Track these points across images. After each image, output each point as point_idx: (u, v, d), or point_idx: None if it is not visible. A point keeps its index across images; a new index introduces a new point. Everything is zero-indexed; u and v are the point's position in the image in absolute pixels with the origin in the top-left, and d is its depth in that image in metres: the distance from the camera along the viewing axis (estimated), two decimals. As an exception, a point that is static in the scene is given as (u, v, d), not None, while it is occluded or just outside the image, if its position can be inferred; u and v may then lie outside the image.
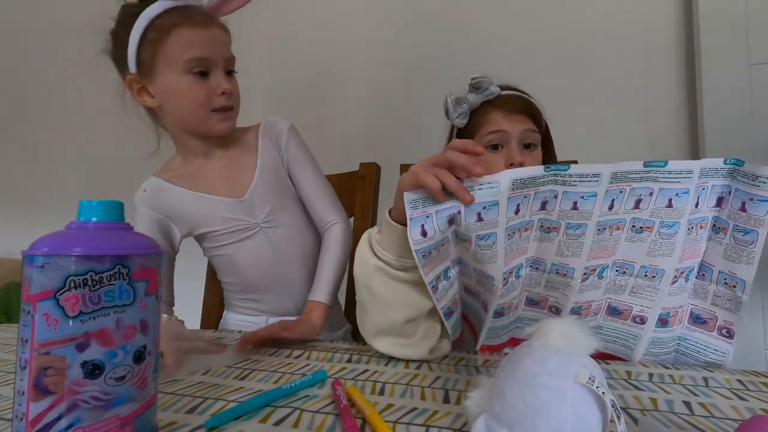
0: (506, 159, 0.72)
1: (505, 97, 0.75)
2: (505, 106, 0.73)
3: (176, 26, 0.72)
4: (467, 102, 0.76)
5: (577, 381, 0.29)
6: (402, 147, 1.48)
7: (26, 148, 1.97)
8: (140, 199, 0.82)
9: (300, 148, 0.88)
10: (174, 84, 0.74)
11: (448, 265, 0.57)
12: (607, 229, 0.52)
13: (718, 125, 1.29)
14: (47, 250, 0.29)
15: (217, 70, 0.76)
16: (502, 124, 0.73)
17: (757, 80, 1.28)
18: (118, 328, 0.31)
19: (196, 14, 0.74)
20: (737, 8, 1.30)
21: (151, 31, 0.72)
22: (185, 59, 0.72)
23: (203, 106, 0.75)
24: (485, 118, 0.74)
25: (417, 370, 0.55)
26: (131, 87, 0.77)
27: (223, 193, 0.82)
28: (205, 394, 0.46)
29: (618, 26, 1.45)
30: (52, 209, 1.82)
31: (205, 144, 0.82)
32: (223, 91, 0.75)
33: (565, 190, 0.50)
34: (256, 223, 0.83)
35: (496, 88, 0.74)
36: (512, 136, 0.72)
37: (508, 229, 0.51)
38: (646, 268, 0.56)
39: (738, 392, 0.48)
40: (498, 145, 0.73)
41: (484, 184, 0.48)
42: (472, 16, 1.56)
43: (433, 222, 0.50)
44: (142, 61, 0.74)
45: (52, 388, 0.29)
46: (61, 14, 1.94)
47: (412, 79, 1.59)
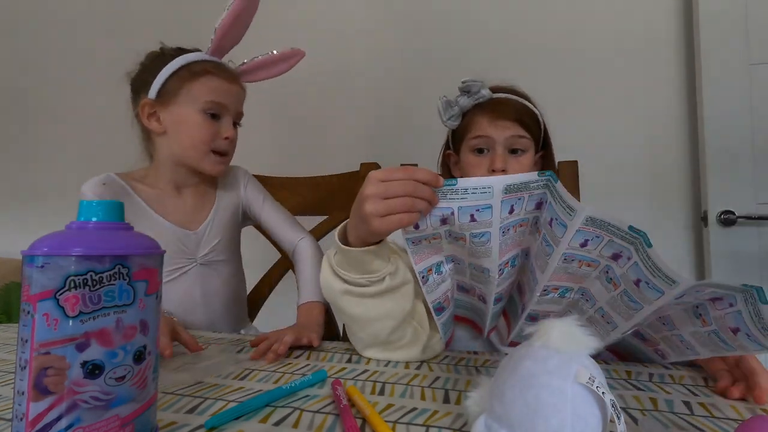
0: (489, 164, 0.73)
1: (495, 101, 0.74)
2: (493, 111, 0.73)
3: (208, 73, 0.82)
4: (457, 105, 0.76)
5: (577, 381, 0.29)
6: (402, 147, 1.48)
7: (26, 148, 1.97)
8: (94, 190, 0.81)
9: (257, 187, 0.96)
10: (186, 117, 0.81)
11: (441, 260, 0.57)
12: (575, 260, 0.51)
13: (718, 125, 1.30)
14: (47, 250, 0.29)
15: (227, 117, 0.84)
16: (488, 129, 0.73)
17: (757, 80, 1.28)
18: (118, 328, 0.31)
19: (227, 70, 0.85)
20: (737, 8, 1.30)
21: (185, 69, 0.81)
22: (206, 99, 0.81)
23: (206, 143, 0.82)
24: (473, 122, 0.75)
25: (417, 370, 0.55)
26: (143, 109, 0.83)
27: (178, 223, 0.85)
28: (205, 394, 0.46)
29: (618, 27, 1.45)
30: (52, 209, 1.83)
31: (187, 178, 0.87)
32: (227, 136, 0.83)
33: (551, 201, 0.49)
34: (195, 259, 0.86)
35: (486, 92, 0.74)
36: (497, 141, 0.73)
37: (503, 227, 0.51)
38: (605, 313, 0.54)
39: (738, 392, 0.48)
40: (484, 149, 0.74)
41: (477, 188, 0.48)
42: (475, 18, 1.56)
43: (427, 220, 0.50)
44: (165, 91, 0.81)
45: (52, 388, 0.29)
46: (61, 14, 1.95)
47: (412, 80, 1.59)
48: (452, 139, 0.82)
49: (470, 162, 0.76)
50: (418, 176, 0.47)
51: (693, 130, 1.38)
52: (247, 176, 0.96)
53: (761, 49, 1.28)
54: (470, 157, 0.76)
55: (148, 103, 0.82)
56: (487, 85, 0.75)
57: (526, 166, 0.75)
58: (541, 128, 0.77)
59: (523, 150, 0.74)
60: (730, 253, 1.27)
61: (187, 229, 0.85)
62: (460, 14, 1.56)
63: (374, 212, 0.47)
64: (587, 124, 1.43)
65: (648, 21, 1.43)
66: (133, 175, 0.87)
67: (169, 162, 0.85)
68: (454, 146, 0.81)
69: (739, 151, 1.28)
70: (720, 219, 1.27)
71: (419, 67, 1.59)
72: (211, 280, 0.87)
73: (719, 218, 1.28)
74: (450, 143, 0.83)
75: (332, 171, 1.12)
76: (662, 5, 1.43)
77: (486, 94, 0.74)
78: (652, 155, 1.41)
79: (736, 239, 1.26)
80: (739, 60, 1.29)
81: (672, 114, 1.41)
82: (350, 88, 1.64)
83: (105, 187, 0.81)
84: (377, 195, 0.48)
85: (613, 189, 1.40)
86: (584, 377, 0.29)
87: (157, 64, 0.82)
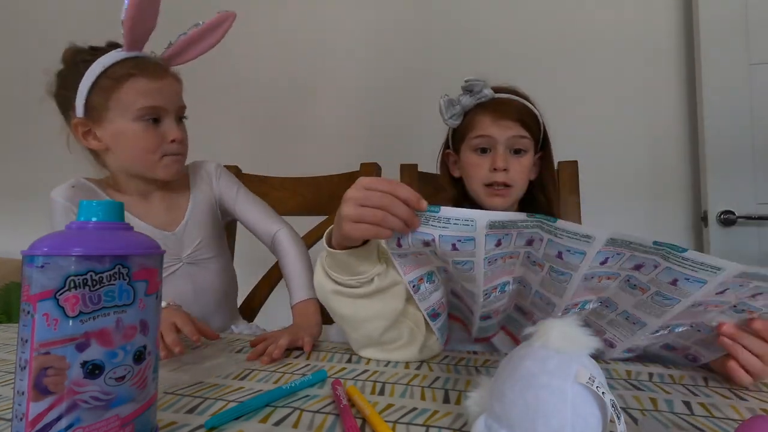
0: (490, 163, 0.73)
1: (498, 101, 0.74)
2: (495, 110, 0.73)
3: (131, 76, 0.73)
4: (459, 104, 0.76)
5: (578, 381, 0.29)
6: (402, 147, 1.48)
7: (26, 148, 1.97)
8: (64, 194, 0.79)
9: (230, 180, 0.93)
10: (124, 129, 0.75)
11: (433, 270, 0.56)
12: (595, 277, 0.49)
13: (718, 125, 1.30)
14: (47, 250, 0.29)
15: (168, 118, 0.78)
16: (490, 129, 0.73)
17: (757, 80, 1.28)
18: (118, 328, 0.31)
19: (150, 65, 0.76)
20: (737, 8, 1.30)
21: (104, 78, 0.74)
22: (138, 107, 0.74)
23: (153, 151, 0.77)
24: (475, 121, 0.75)
25: (417, 370, 0.55)
26: (77, 129, 0.78)
27: (155, 225, 0.82)
28: (205, 394, 0.46)
29: (618, 27, 1.45)
30: (52, 209, 1.83)
31: (146, 186, 0.83)
32: (173, 138, 0.78)
33: (550, 238, 0.46)
34: (180, 259, 0.84)
35: (488, 91, 0.74)
36: (499, 141, 0.73)
37: (489, 258, 0.49)
38: (629, 315, 0.53)
39: (738, 392, 0.48)
40: (486, 148, 0.74)
41: (459, 220, 0.46)
42: (475, 18, 1.56)
43: (408, 239, 0.49)
44: (92, 106, 0.75)
45: (52, 388, 0.29)
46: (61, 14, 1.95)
47: (412, 80, 1.59)
48: (452, 138, 0.82)
49: (471, 161, 0.76)
50: (398, 193, 0.47)
51: (693, 130, 1.38)
52: (219, 170, 0.93)
53: (761, 49, 1.28)
54: (471, 157, 0.76)
55: (80, 122, 0.76)
56: (489, 85, 0.75)
57: (526, 166, 0.75)
58: (540, 129, 0.77)
59: (524, 150, 0.75)
60: (730, 253, 1.27)
61: (165, 230, 0.83)
62: (460, 15, 1.56)
63: (348, 215, 0.48)
64: (587, 124, 1.43)
65: (648, 21, 1.43)
66: (104, 181, 0.85)
67: (123, 175, 0.82)
68: (454, 145, 0.81)
69: (739, 151, 1.28)
70: (720, 219, 1.27)
71: (419, 67, 1.59)
72: (200, 278, 0.86)
73: (719, 218, 1.28)
74: (450, 142, 0.83)
75: (332, 171, 1.12)
76: (662, 5, 1.43)
77: (488, 93, 0.74)
78: (652, 155, 1.41)
79: (736, 239, 1.26)
80: (739, 60, 1.29)
81: (672, 114, 1.41)
82: (350, 88, 1.64)
83: (74, 189, 0.80)
84: (355, 200, 0.48)
85: (613, 189, 1.40)
86: (584, 377, 0.29)
87: (74, 77, 0.75)
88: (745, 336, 0.48)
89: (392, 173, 1.06)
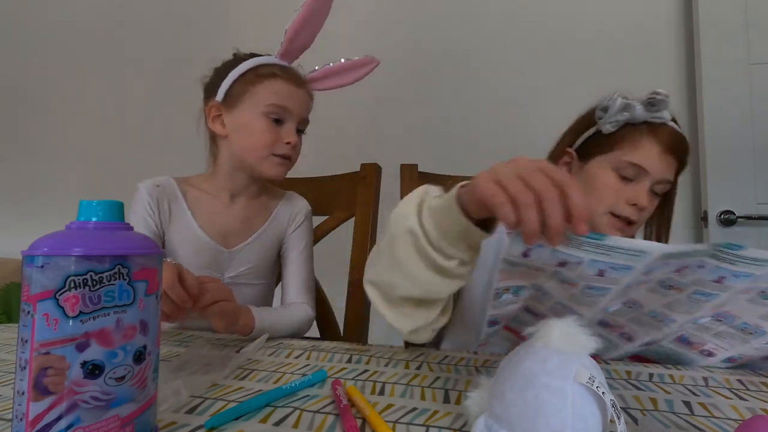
0: (631, 196, 0.65)
1: (672, 131, 0.66)
2: (668, 143, 0.65)
3: (274, 76, 0.81)
4: (631, 111, 0.66)
5: (577, 381, 0.29)
6: (402, 147, 1.48)
7: (26, 148, 1.97)
8: (147, 188, 0.82)
9: (305, 233, 0.93)
10: (249, 121, 0.81)
11: (525, 285, 0.52)
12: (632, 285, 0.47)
13: (718, 125, 1.30)
14: (47, 250, 0.29)
15: (290, 122, 0.83)
16: (654, 161, 0.65)
17: (757, 80, 1.28)
18: (118, 328, 0.31)
19: (293, 74, 0.83)
20: (737, 8, 1.30)
21: (251, 72, 0.81)
22: (268, 102, 0.80)
23: (266, 148, 0.81)
24: (638, 142, 0.65)
25: (417, 370, 0.55)
26: (210, 112, 0.84)
27: (217, 238, 0.84)
28: (205, 394, 0.46)
29: (618, 27, 1.45)
30: (52, 209, 1.83)
31: (243, 185, 0.87)
32: (289, 141, 0.82)
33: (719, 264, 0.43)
34: (223, 276, 0.84)
35: (668, 114, 0.66)
36: (651, 177, 0.65)
37: (627, 286, 0.46)
38: (748, 325, 0.51)
39: (738, 392, 0.48)
40: (631, 178, 0.66)
41: (627, 250, 0.40)
42: (475, 19, 1.56)
43: (542, 254, 0.43)
44: (231, 94, 0.82)
45: (52, 388, 0.29)
46: (62, 14, 1.95)
47: (413, 80, 1.59)
48: (589, 139, 0.72)
49: (607, 182, 0.67)
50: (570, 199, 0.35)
51: (693, 130, 1.38)
52: (306, 216, 0.93)
53: (761, 49, 1.28)
54: (609, 177, 0.67)
55: (215, 105, 0.83)
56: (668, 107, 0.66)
57: (652, 210, 0.69)
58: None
59: (661, 196, 0.68)
60: (730, 253, 1.27)
61: (222, 245, 0.84)
62: (460, 14, 1.56)
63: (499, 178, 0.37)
64: (587, 124, 1.43)
65: (648, 21, 1.43)
66: (190, 180, 0.88)
67: (228, 166, 0.85)
68: (584, 148, 0.72)
69: (739, 151, 1.28)
70: (720, 219, 1.28)
71: (420, 66, 1.59)
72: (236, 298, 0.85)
73: (719, 218, 1.28)
74: (577, 140, 0.73)
75: (332, 171, 1.12)
76: (662, 5, 1.43)
77: (667, 116, 0.66)
78: (652, 155, 1.41)
79: (736, 239, 1.26)
80: (739, 60, 1.29)
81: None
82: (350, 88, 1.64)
83: (159, 188, 0.83)
84: (521, 169, 0.37)
85: (613, 189, 1.40)
86: (584, 377, 0.29)
87: (228, 68, 0.82)
88: None
89: (392, 173, 1.06)
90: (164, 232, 0.84)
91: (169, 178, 0.86)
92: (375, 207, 1.05)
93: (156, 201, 0.82)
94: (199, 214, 0.84)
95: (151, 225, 0.82)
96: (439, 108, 1.51)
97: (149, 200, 0.82)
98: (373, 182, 1.05)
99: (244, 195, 0.88)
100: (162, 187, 0.84)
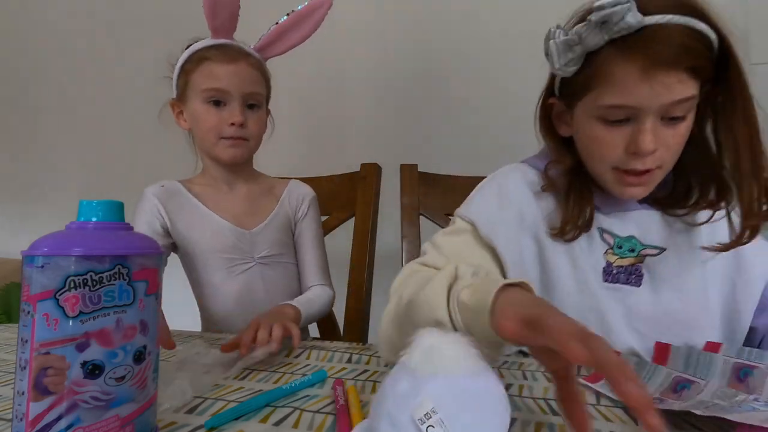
0: (629, 142, 0.50)
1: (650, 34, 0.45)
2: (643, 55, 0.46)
3: (206, 59, 0.79)
4: (581, 43, 0.49)
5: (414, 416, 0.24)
6: (402, 147, 1.48)
7: (27, 148, 1.97)
8: (153, 191, 0.84)
9: (313, 218, 0.94)
10: (194, 109, 0.81)
11: None
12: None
13: (718, 125, 1.30)
14: (47, 250, 0.29)
15: (233, 102, 0.80)
16: (637, 90, 0.47)
17: (757, 80, 1.28)
18: (118, 328, 0.31)
19: (228, 50, 0.79)
20: (737, 8, 1.30)
21: (187, 62, 0.81)
22: (203, 88, 0.79)
23: (212, 132, 0.80)
24: (610, 73, 0.48)
25: (417, 370, 0.55)
26: (173, 110, 0.85)
27: (233, 221, 0.85)
28: (205, 394, 0.46)
29: (618, 26, 1.45)
30: (52, 209, 1.83)
31: (227, 174, 0.87)
32: (232, 122, 0.79)
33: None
34: (254, 258, 0.86)
35: (634, 18, 0.44)
36: (648, 111, 0.48)
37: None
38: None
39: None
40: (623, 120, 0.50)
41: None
42: (475, 18, 1.56)
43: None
44: (179, 87, 0.83)
45: (52, 388, 0.29)
46: (62, 14, 1.94)
47: (413, 80, 1.59)
48: (562, 83, 0.57)
49: (596, 134, 0.52)
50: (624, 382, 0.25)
51: (693, 130, 1.38)
52: (311, 201, 0.94)
53: (761, 49, 1.28)
54: (597, 128, 0.52)
55: (173, 102, 0.85)
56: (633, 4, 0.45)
57: (683, 135, 0.51)
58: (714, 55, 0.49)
59: (684, 117, 0.49)
60: (730, 253, 1.27)
61: (242, 227, 0.85)
62: (460, 14, 1.56)
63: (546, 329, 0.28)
64: (587, 124, 1.43)
65: (648, 21, 1.43)
66: (189, 180, 0.90)
67: (204, 157, 0.87)
68: (565, 95, 0.57)
69: (739, 151, 1.28)
70: (720, 219, 1.27)
71: (420, 66, 1.58)
72: (272, 278, 0.87)
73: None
74: (556, 87, 0.59)
75: (332, 171, 1.12)
76: (662, 5, 1.43)
77: (633, 22, 0.45)
78: (652, 155, 1.41)
79: (736, 239, 1.26)
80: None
81: (672, 114, 1.41)
82: (350, 89, 1.64)
83: (163, 189, 0.85)
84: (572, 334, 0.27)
85: (613, 189, 1.40)
86: (421, 411, 0.24)
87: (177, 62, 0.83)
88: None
89: (392, 173, 1.06)
90: (174, 230, 0.84)
91: (171, 180, 0.87)
92: (375, 207, 1.05)
93: (162, 201, 0.84)
94: (208, 203, 0.86)
95: (156, 227, 0.83)
96: (439, 108, 1.51)
97: (155, 202, 0.83)
98: (373, 182, 1.05)
99: (239, 182, 0.89)
100: (166, 187, 0.85)
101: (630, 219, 0.58)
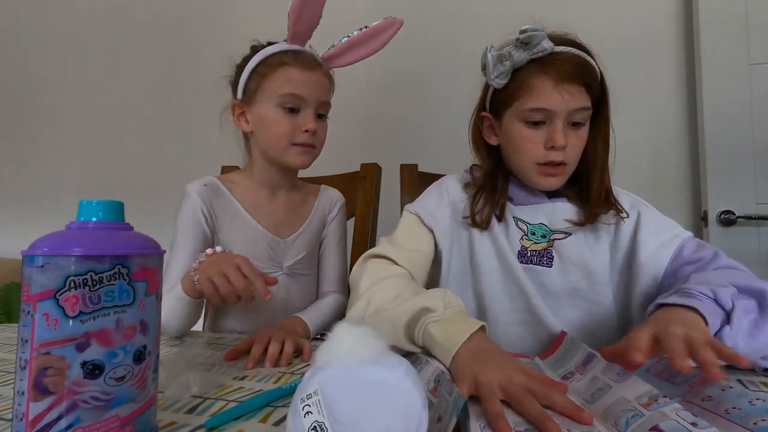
0: (547, 139, 0.64)
1: (558, 58, 0.62)
2: (557, 71, 0.61)
3: (283, 64, 0.79)
4: (510, 59, 0.63)
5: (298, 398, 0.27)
6: (402, 147, 1.48)
7: (26, 148, 1.97)
8: (197, 190, 0.82)
9: (341, 224, 0.96)
10: (266, 114, 0.81)
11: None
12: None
13: (718, 125, 1.29)
14: (47, 250, 0.29)
15: (307, 109, 0.81)
16: (551, 98, 0.62)
17: (757, 80, 1.28)
18: (118, 328, 0.31)
19: (304, 58, 0.81)
20: (737, 8, 1.30)
21: (262, 65, 0.81)
22: (280, 93, 0.79)
23: (285, 138, 0.80)
24: (531, 85, 0.63)
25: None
26: (233, 111, 0.84)
27: (269, 229, 0.85)
28: (205, 394, 0.46)
29: (618, 27, 1.45)
30: (52, 209, 1.83)
31: (279, 178, 0.87)
32: (306, 128, 0.80)
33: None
34: (281, 268, 0.85)
35: (547, 44, 0.62)
36: (559, 115, 0.63)
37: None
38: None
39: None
40: (540, 122, 0.64)
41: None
42: (474, 18, 1.56)
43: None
44: (248, 89, 0.82)
45: (52, 388, 0.29)
46: (61, 14, 1.95)
47: (412, 79, 1.59)
48: (492, 97, 0.70)
49: (522, 134, 0.66)
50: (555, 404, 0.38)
51: (693, 130, 1.38)
52: (341, 208, 0.95)
53: (761, 49, 1.28)
54: (522, 129, 0.66)
55: (236, 104, 0.84)
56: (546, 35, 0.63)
57: (583, 139, 0.66)
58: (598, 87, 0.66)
59: (583, 124, 0.65)
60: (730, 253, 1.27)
61: (278, 236, 0.85)
62: (460, 14, 1.56)
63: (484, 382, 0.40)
64: (587, 124, 1.43)
65: (648, 21, 1.43)
66: (231, 177, 0.89)
67: (261, 160, 0.86)
68: (494, 107, 0.70)
69: (739, 151, 1.28)
70: (720, 219, 1.27)
71: (420, 66, 1.58)
72: (294, 291, 0.87)
73: (719, 218, 1.28)
74: (487, 103, 0.72)
75: (332, 171, 1.12)
76: (662, 5, 1.43)
77: (547, 47, 0.62)
78: (652, 155, 1.41)
79: (736, 239, 1.26)
80: (739, 60, 1.29)
81: (672, 114, 1.41)
82: (350, 88, 1.64)
83: (206, 188, 0.84)
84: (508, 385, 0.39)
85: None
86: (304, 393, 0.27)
87: (244, 64, 0.82)
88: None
89: (392, 173, 1.06)
90: (216, 230, 0.83)
91: (211, 177, 0.86)
92: (375, 207, 1.05)
93: (206, 201, 0.82)
94: (248, 207, 0.85)
95: (204, 228, 0.81)
96: (439, 108, 1.51)
97: (200, 203, 0.81)
98: (373, 182, 1.05)
99: (282, 188, 0.89)
100: (209, 186, 0.84)
101: (540, 210, 0.70)
